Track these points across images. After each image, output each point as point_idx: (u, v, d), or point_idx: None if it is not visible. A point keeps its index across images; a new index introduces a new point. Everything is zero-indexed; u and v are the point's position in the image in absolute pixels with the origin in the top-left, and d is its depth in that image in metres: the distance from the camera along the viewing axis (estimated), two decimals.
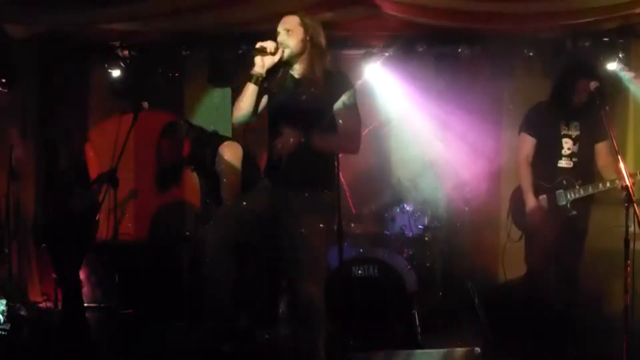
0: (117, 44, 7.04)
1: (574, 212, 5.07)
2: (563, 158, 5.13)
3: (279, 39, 3.95)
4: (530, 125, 5.25)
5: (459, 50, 6.82)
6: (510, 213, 5.42)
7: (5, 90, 6.88)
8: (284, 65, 4.01)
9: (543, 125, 5.18)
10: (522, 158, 5.23)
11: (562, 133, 5.12)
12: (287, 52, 3.95)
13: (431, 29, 6.64)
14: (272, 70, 3.99)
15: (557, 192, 5.09)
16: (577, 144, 5.11)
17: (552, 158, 5.15)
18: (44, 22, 6.32)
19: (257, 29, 6.29)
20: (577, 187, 5.03)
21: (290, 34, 3.94)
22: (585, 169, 5.15)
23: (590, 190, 5.00)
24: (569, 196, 5.05)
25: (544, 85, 5.71)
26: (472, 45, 6.78)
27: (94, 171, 5.82)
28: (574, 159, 5.12)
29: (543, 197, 5.14)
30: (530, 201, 5.14)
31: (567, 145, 5.11)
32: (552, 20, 6.18)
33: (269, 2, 5.59)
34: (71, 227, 5.02)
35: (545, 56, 6.68)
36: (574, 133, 5.11)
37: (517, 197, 5.33)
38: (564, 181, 5.07)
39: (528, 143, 5.23)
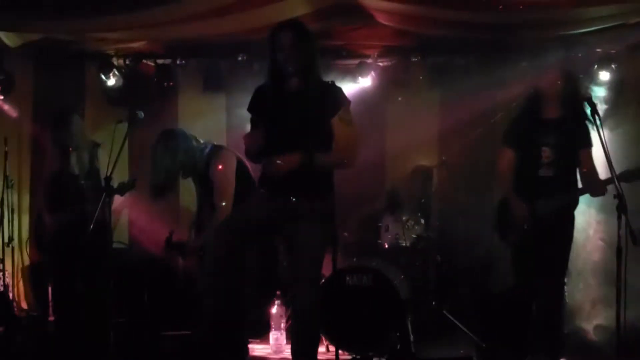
0: (113, 52, 7.07)
1: (556, 221, 5.00)
2: (543, 167, 5.04)
3: (283, 60, 3.95)
4: (508, 135, 5.19)
5: (453, 60, 6.85)
6: (496, 225, 5.37)
7: (1, 98, 6.89)
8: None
9: (521, 134, 5.10)
10: (502, 169, 5.17)
11: (540, 141, 5.05)
12: (290, 71, 3.97)
13: (425, 39, 6.67)
14: None
15: (538, 201, 5.00)
16: (557, 152, 5.02)
17: (531, 167, 5.05)
18: (40, 30, 6.33)
19: (252, 39, 6.34)
20: (558, 195, 4.95)
21: (291, 53, 3.94)
22: (566, 177, 5.06)
23: (571, 198, 4.94)
24: (549, 205, 4.96)
25: None
26: (466, 56, 6.81)
27: None
28: (553, 168, 5.02)
29: (524, 206, 5.06)
30: (518, 208, 5.05)
31: (546, 153, 5.01)
32: (545, 30, 6.21)
33: (264, 12, 5.61)
34: (83, 235, 4.95)
35: (539, 66, 6.69)
36: (553, 141, 5.01)
37: (501, 209, 5.26)
38: (545, 190, 4.99)
39: (507, 153, 5.16)
